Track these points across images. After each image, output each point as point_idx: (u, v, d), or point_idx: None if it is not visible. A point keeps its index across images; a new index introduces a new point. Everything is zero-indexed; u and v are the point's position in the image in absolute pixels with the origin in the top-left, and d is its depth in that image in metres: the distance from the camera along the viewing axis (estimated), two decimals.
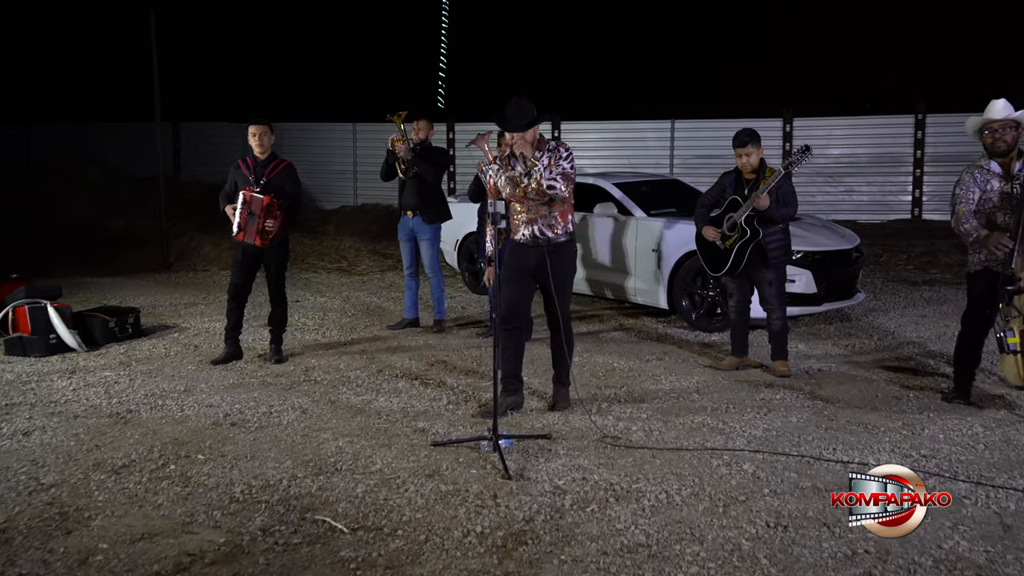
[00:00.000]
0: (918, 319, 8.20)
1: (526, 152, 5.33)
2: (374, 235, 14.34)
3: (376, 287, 10.64)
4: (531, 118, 5.35)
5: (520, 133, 5.32)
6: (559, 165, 5.36)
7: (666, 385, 6.21)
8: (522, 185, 5.43)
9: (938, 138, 13.59)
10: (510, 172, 5.48)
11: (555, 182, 5.29)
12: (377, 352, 7.31)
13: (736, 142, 6.35)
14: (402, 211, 8.05)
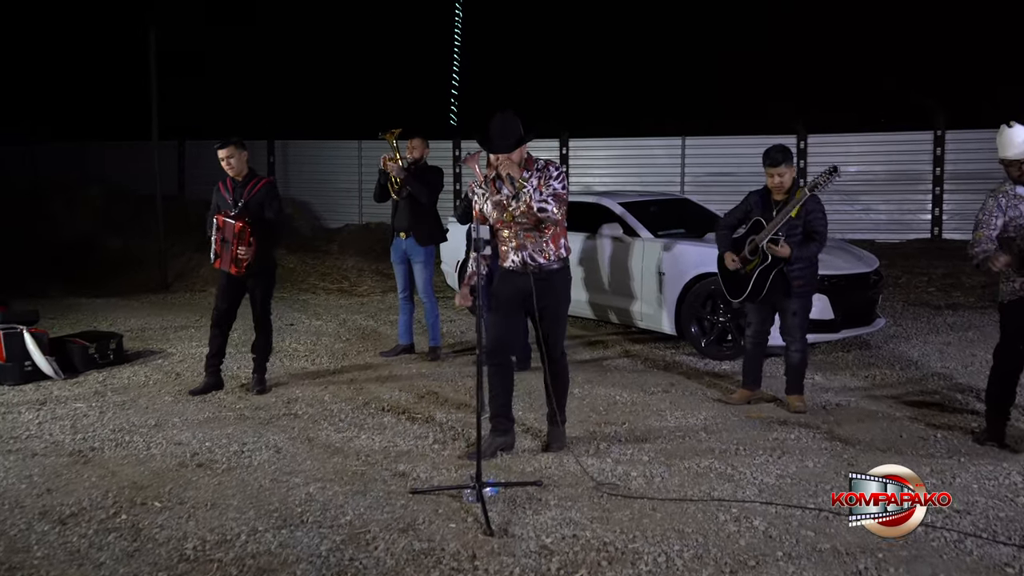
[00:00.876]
0: (942, 347, 7.65)
1: (513, 173, 4.87)
2: (378, 255, 13.89)
3: (375, 309, 10.20)
4: (517, 136, 4.89)
5: (506, 154, 4.86)
6: (550, 185, 4.89)
7: (671, 422, 5.70)
8: (509, 209, 4.96)
9: (958, 155, 13.03)
10: (496, 196, 5.02)
11: (546, 204, 4.82)
12: (366, 382, 6.84)
13: (767, 160, 5.82)
14: (395, 232, 7.61)
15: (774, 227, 5.76)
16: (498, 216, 4.99)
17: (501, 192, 4.99)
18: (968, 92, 14.48)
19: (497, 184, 5.01)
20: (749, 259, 5.93)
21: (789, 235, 5.78)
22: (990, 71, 15.21)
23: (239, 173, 6.38)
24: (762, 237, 5.82)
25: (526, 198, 4.82)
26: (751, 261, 5.92)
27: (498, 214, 4.98)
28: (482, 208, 5.07)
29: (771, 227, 5.77)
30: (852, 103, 14.75)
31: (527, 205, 4.82)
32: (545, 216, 4.81)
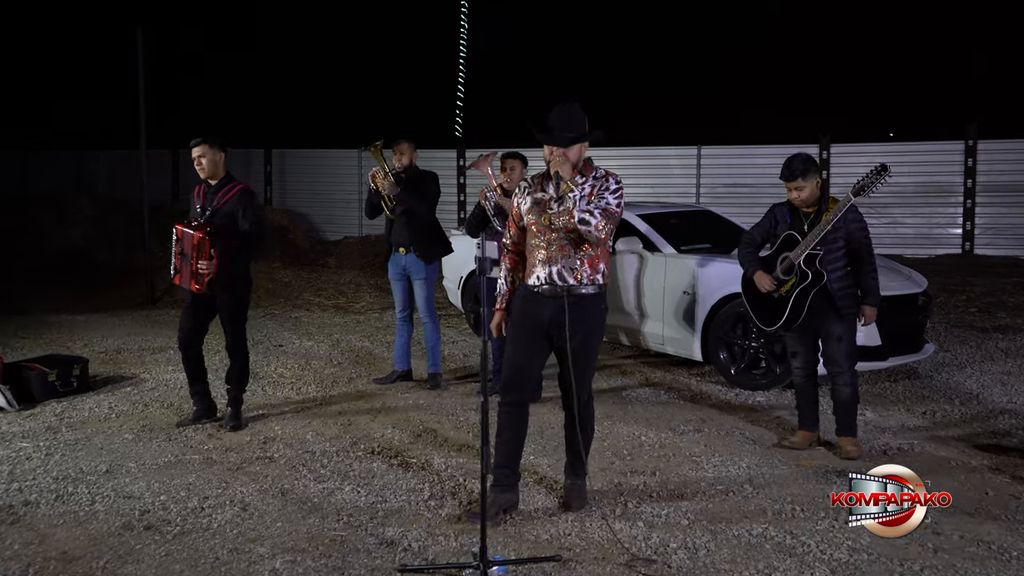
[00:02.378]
0: (1003, 377, 6.72)
1: (563, 172, 3.98)
2: (376, 268, 13.00)
3: (372, 328, 9.29)
4: (580, 132, 4.04)
5: (562, 149, 3.99)
6: (603, 197, 4.00)
7: (709, 471, 4.78)
8: (549, 212, 4.07)
9: (991, 166, 12.13)
10: (539, 194, 4.13)
11: (590, 216, 3.92)
12: (356, 416, 5.92)
13: (784, 174, 4.98)
14: (392, 248, 6.71)
15: (812, 241, 4.86)
16: (535, 218, 4.11)
17: (547, 190, 4.10)
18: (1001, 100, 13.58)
19: (545, 181, 4.13)
20: (783, 279, 5.03)
21: (829, 250, 4.90)
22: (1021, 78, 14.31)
23: (212, 175, 5.49)
24: (797, 253, 4.92)
25: (570, 203, 3.93)
26: (785, 282, 5.02)
27: (535, 216, 4.11)
28: (519, 206, 4.20)
29: (808, 241, 4.87)
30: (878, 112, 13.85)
31: (569, 212, 3.94)
32: (586, 230, 3.93)
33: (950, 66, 14.77)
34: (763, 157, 13.03)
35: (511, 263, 4.32)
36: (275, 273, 12.37)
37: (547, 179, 4.12)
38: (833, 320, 4.96)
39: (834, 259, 4.95)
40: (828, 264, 4.94)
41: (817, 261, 4.91)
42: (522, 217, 4.22)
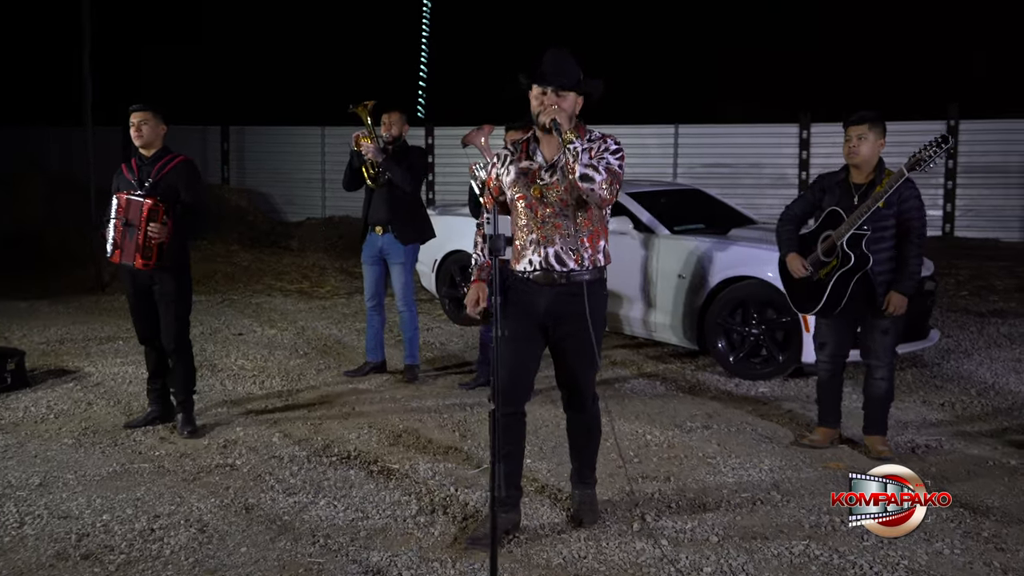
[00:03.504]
0: (1015, 365, 6.30)
1: (562, 121, 3.35)
2: (341, 251, 12.31)
3: (339, 315, 8.60)
4: (576, 79, 3.42)
5: (557, 92, 3.38)
6: (603, 158, 3.39)
7: (729, 475, 4.24)
8: (540, 183, 3.46)
9: (972, 147, 11.78)
10: (524, 163, 3.52)
11: (593, 171, 3.30)
12: (327, 413, 5.28)
13: (848, 117, 4.42)
14: (369, 227, 6.04)
15: (858, 220, 4.32)
16: (521, 191, 3.49)
17: (534, 158, 3.49)
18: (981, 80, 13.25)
19: (531, 147, 3.52)
20: (824, 261, 4.48)
21: (876, 230, 4.36)
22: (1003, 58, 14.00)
23: (148, 145, 4.79)
24: (841, 233, 4.38)
25: (569, 158, 3.31)
26: (826, 264, 4.48)
27: (522, 189, 3.48)
28: (497, 179, 3.58)
29: (853, 219, 4.33)
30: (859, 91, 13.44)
31: (569, 169, 3.31)
32: (588, 188, 3.30)
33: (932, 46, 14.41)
34: (741, 136, 12.56)
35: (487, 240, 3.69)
36: (234, 256, 11.60)
37: (533, 144, 3.51)
38: (875, 310, 4.43)
39: (882, 240, 4.38)
40: (874, 246, 4.36)
41: (863, 243, 4.35)
42: (502, 192, 3.58)
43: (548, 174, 3.46)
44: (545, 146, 3.51)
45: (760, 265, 6.14)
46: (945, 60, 14.10)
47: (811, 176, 12.37)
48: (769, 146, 12.28)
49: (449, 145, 13.17)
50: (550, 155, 3.49)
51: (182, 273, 4.83)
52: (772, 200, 11.97)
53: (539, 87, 3.42)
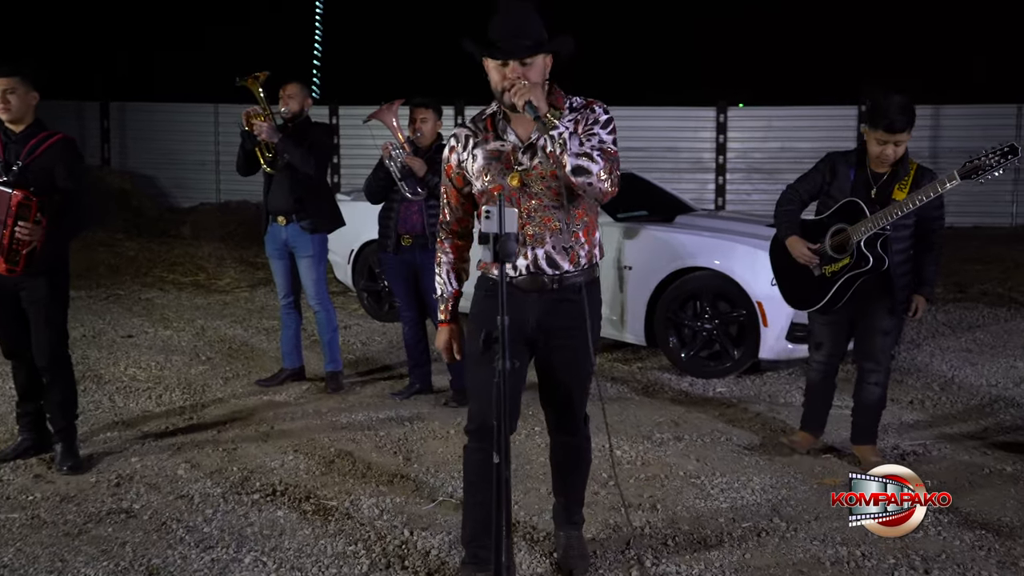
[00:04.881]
0: (966, 355, 6.04)
1: (537, 101, 2.62)
2: (240, 239, 11.24)
3: (242, 311, 7.66)
4: (539, 39, 2.71)
5: (520, 62, 2.67)
6: (594, 134, 2.72)
7: (720, 499, 3.69)
8: (518, 169, 2.77)
9: None
10: (493, 145, 2.81)
11: (588, 160, 2.61)
12: (241, 435, 4.46)
13: (884, 122, 3.67)
14: (270, 217, 5.19)
15: (885, 219, 3.74)
16: (495, 180, 2.78)
17: (504, 137, 2.79)
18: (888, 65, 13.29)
19: (498, 124, 2.81)
20: (833, 257, 3.94)
21: (895, 228, 3.80)
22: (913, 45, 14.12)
23: (17, 119, 3.81)
24: (861, 231, 3.81)
25: (554, 146, 2.62)
26: (836, 260, 3.93)
27: (495, 177, 2.78)
28: (460, 166, 2.86)
29: (879, 218, 3.73)
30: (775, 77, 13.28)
31: (558, 163, 2.63)
32: (584, 182, 2.63)
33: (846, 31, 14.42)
34: (658, 120, 12.17)
35: (453, 252, 2.98)
36: (118, 246, 10.37)
37: (501, 121, 2.81)
38: (882, 311, 3.93)
39: (899, 240, 3.85)
40: (893, 246, 3.84)
41: (880, 243, 3.82)
42: (466, 182, 2.88)
43: (527, 156, 2.78)
44: (517, 123, 2.81)
45: (712, 255, 5.66)
46: (858, 45, 14.12)
47: (728, 160, 12.12)
48: (686, 130, 11.94)
49: (355, 125, 12.24)
50: (525, 131, 2.79)
51: (57, 274, 3.88)
52: (689, 185, 11.65)
53: (495, 60, 2.71)
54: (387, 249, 4.99)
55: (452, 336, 2.98)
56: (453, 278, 2.97)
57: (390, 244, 4.95)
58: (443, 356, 3.01)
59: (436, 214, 4.84)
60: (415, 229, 4.88)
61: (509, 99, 2.67)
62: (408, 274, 4.99)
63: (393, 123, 4.92)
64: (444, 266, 2.97)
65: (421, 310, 5.08)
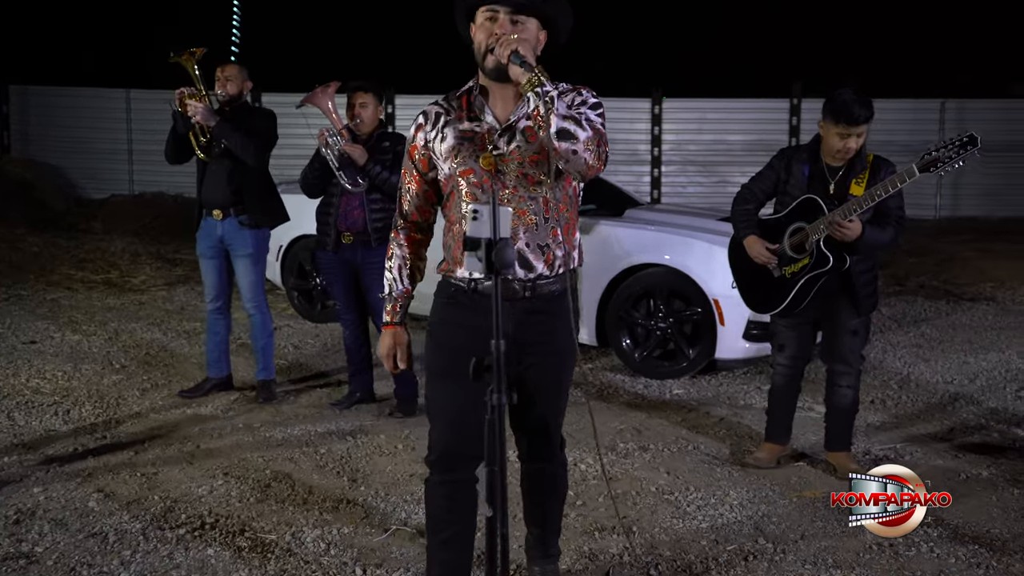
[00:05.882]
0: (917, 351, 5.94)
1: (525, 52, 2.23)
2: (156, 234, 10.50)
3: (160, 312, 7.04)
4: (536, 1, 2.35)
5: (512, 17, 2.33)
6: (581, 112, 2.36)
7: (699, 517, 3.40)
8: (493, 152, 2.39)
9: (813, 125, 11.74)
10: (465, 124, 2.43)
11: (574, 126, 2.23)
12: (163, 457, 3.95)
13: (844, 116, 3.48)
14: (204, 211, 4.69)
15: (845, 216, 3.52)
16: (465, 164, 2.40)
17: (482, 116, 2.41)
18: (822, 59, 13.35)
19: (475, 102, 2.42)
20: (793, 257, 3.70)
21: None
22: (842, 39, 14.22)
23: None
24: (819, 229, 3.58)
25: (538, 106, 2.22)
26: (795, 261, 3.69)
27: (466, 160, 2.39)
28: (426, 147, 2.47)
29: (840, 215, 3.53)
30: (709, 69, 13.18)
31: (541, 123, 2.24)
32: (570, 150, 2.22)
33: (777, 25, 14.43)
34: None
35: (408, 246, 2.58)
36: (20, 241, 9.53)
37: (478, 98, 2.42)
38: (847, 310, 3.72)
39: None
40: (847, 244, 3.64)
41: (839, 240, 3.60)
42: (432, 166, 2.49)
43: (504, 140, 2.40)
44: (498, 100, 2.43)
45: (667, 251, 5.40)
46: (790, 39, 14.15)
47: (664, 152, 11.96)
48: (622, 121, 11.72)
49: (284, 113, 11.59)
50: (505, 112, 2.42)
51: None
52: (626, 177, 11.43)
53: (486, 8, 2.34)
54: (326, 247, 4.54)
55: (396, 341, 2.57)
56: (405, 276, 2.57)
57: (329, 242, 4.51)
58: (384, 364, 2.60)
59: (379, 209, 4.48)
60: (356, 225, 4.44)
61: (495, 61, 2.29)
62: (348, 274, 4.56)
63: (329, 108, 4.47)
64: (396, 260, 2.57)
65: (362, 312, 4.65)
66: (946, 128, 11.88)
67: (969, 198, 11.61)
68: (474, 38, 2.40)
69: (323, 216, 4.55)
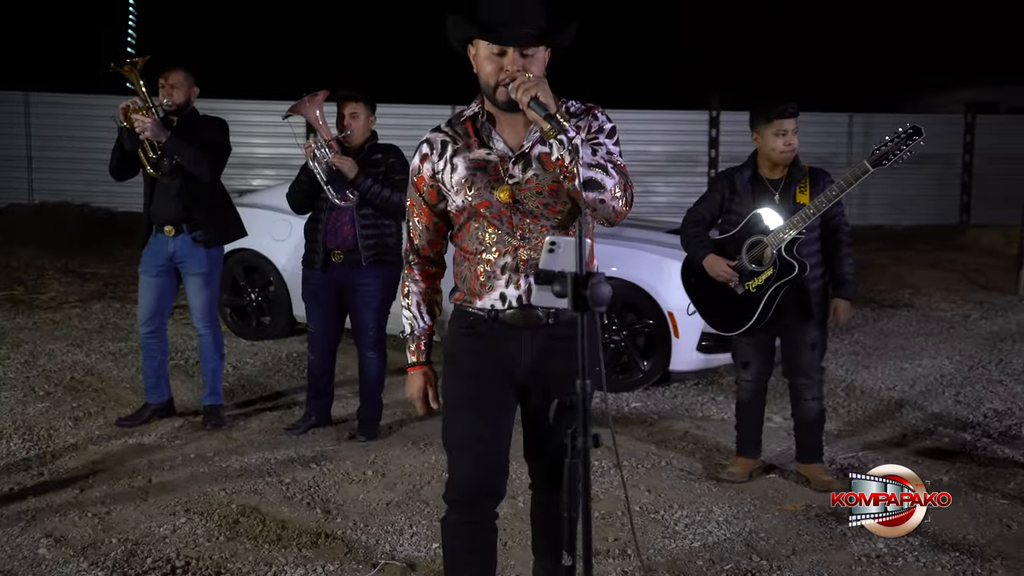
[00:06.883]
0: (856, 357, 6.12)
1: (545, 98, 2.11)
2: (63, 245, 9.86)
3: (79, 332, 6.57)
4: (542, 26, 2.24)
5: (520, 53, 2.20)
6: (600, 144, 2.28)
7: (688, 535, 3.37)
8: (509, 182, 2.29)
9: (732, 136, 12.10)
10: (477, 152, 2.31)
11: (602, 173, 2.16)
12: (112, 493, 3.65)
13: (775, 111, 3.62)
14: (154, 227, 4.38)
15: (802, 221, 3.63)
16: (481, 196, 2.29)
17: (491, 144, 2.29)
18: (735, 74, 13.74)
19: (481, 129, 2.30)
20: (755, 271, 3.75)
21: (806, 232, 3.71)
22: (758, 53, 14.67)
23: None
24: (780, 237, 3.66)
25: (562, 154, 2.14)
26: (758, 273, 3.74)
27: (482, 192, 2.28)
28: (434, 177, 2.35)
29: (796, 221, 3.63)
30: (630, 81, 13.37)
31: (566, 173, 2.16)
32: (597, 199, 2.17)
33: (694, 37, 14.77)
34: None
35: (424, 280, 2.46)
36: None
37: (485, 124, 2.31)
38: (805, 324, 3.79)
39: (812, 242, 3.76)
40: (805, 249, 3.73)
41: (796, 248, 3.68)
42: (441, 197, 2.37)
43: (519, 168, 2.30)
44: (506, 126, 2.32)
45: (620, 263, 5.40)
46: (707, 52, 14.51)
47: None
48: None
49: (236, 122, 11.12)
50: (515, 139, 2.32)
51: None
52: None
53: (493, 45, 2.23)
54: (314, 265, 4.30)
55: (427, 382, 2.44)
56: (425, 312, 2.45)
57: (317, 260, 4.27)
58: (417, 407, 2.46)
59: (370, 225, 4.26)
60: (346, 243, 4.23)
61: (506, 95, 2.18)
62: (332, 295, 4.33)
63: (317, 118, 4.25)
64: (414, 297, 2.44)
65: (336, 336, 4.44)
66: (854, 141, 12.45)
67: (876, 207, 12.16)
68: (476, 63, 2.28)
69: (311, 233, 4.32)
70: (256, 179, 11.42)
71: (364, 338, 4.33)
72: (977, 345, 6.37)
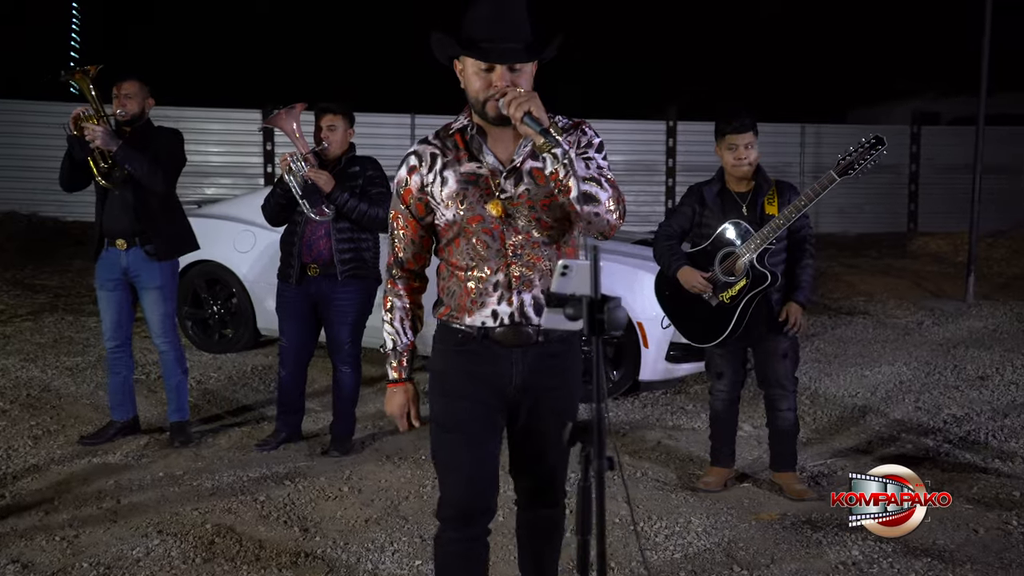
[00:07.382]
0: (815, 365, 6.23)
1: (537, 112, 2.12)
2: (9, 257, 9.55)
3: (33, 346, 6.37)
4: (529, 40, 2.24)
5: (509, 68, 2.21)
6: (590, 159, 2.30)
7: (668, 547, 3.40)
8: (501, 197, 2.29)
9: (688, 147, 12.28)
10: (467, 166, 2.31)
11: (597, 187, 2.19)
12: (80, 516, 3.54)
13: (729, 126, 3.72)
14: (105, 240, 4.27)
15: (773, 232, 3.70)
16: (472, 211, 2.29)
17: (481, 158, 2.29)
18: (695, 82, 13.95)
19: (471, 142, 2.29)
20: (727, 281, 3.81)
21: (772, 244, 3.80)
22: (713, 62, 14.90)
23: None
24: (752, 248, 3.73)
25: (556, 168, 2.15)
26: (731, 285, 3.81)
27: (473, 207, 2.29)
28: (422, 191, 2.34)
29: (768, 231, 3.70)
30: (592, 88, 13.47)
31: (561, 187, 2.17)
32: (592, 213, 2.19)
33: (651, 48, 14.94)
34: None
35: (408, 295, 2.44)
36: None
37: (475, 137, 2.30)
38: (775, 335, 3.86)
39: (780, 252, 3.85)
40: (773, 259, 3.81)
41: (767, 258, 3.76)
42: (428, 211, 2.36)
43: (511, 183, 2.30)
44: (496, 140, 2.32)
45: None
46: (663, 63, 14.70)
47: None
48: None
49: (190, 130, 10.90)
50: (506, 153, 2.32)
51: None
52: None
53: (480, 62, 2.23)
54: (288, 279, 4.24)
55: (409, 399, 2.43)
56: (408, 328, 2.43)
57: (292, 274, 4.21)
58: (398, 424, 2.45)
59: (346, 239, 4.21)
60: (322, 257, 4.18)
61: (497, 109, 2.18)
62: (307, 309, 4.27)
63: (294, 130, 4.19)
64: (397, 312, 2.43)
65: (309, 352, 4.38)
66: (806, 151, 12.72)
67: (827, 215, 12.44)
68: (463, 78, 2.28)
69: (286, 246, 4.26)
70: (211, 188, 11.20)
71: (339, 353, 4.28)
72: (932, 351, 6.55)
